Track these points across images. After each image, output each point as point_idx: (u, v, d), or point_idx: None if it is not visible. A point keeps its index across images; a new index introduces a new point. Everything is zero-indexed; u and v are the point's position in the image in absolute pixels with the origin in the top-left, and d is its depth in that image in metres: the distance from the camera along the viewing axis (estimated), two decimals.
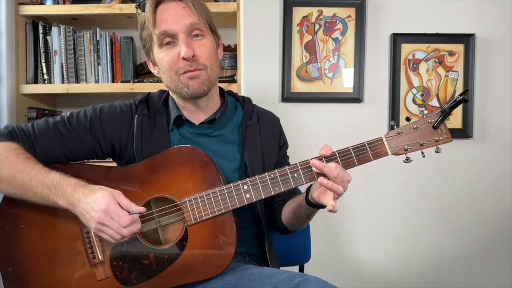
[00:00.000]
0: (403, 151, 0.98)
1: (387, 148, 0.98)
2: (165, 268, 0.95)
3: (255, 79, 1.77)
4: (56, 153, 1.03)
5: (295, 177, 0.97)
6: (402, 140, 0.98)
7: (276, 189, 0.96)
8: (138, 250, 0.96)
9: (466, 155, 1.79)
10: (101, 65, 1.84)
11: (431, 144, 0.99)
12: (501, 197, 1.79)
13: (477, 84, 1.77)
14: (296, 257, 1.44)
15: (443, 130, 1.00)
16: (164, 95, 1.15)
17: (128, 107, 1.10)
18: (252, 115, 1.16)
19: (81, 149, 1.06)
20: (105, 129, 1.07)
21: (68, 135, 1.04)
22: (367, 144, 0.97)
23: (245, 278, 0.92)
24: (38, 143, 1.02)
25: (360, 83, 1.75)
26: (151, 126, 1.08)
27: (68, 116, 1.06)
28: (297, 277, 0.87)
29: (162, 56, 1.04)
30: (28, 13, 1.80)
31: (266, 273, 0.91)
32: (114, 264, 0.97)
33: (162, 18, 1.01)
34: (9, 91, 1.76)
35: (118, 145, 1.08)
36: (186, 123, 1.11)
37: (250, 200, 0.96)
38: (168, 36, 1.01)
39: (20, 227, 0.98)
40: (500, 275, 1.81)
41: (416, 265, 1.82)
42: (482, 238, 1.81)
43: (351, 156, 0.97)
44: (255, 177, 0.97)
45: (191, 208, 0.96)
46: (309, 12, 1.76)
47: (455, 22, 1.76)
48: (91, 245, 0.97)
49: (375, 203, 1.81)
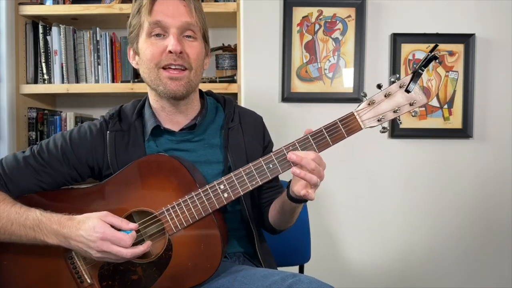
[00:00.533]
0: (377, 123, 0.94)
1: (360, 122, 0.94)
2: (155, 281, 0.94)
3: (255, 79, 1.77)
4: (30, 188, 1.01)
5: (271, 168, 0.93)
6: (375, 111, 0.94)
7: (253, 183, 0.93)
8: (125, 266, 0.95)
9: (466, 155, 1.79)
10: (101, 65, 1.84)
11: (406, 108, 0.94)
12: (501, 197, 1.79)
13: (477, 84, 1.77)
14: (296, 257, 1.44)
15: (417, 92, 0.94)
16: (138, 105, 1.11)
17: (97, 126, 1.07)
18: (233, 116, 1.13)
19: (57, 179, 1.03)
20: (79, 154, 1.04)
21: (41, 169, 1.01)
22: (339, 121, 0.95)
23: (238, 280, 0.92)
24: (10, 181, 0.99)
25: (360, 83, 1.75)
26: (124, 140, 1.05)
27: (38, 148, 1.03)
28: (290, 278, 0.86)
29: (147, 45, 1.00)
30: (28, 13, 1.80)
31: (259, 275, 0.91)
32: (104, 285, 0.95)
33: (159, 9, 0.99)
34: (9, 91, 1.76)
35: (96, 165, 1.06)
36: (165, 133, 1.07)
37: (229, 199, 0.94)
38: (160, 27, 0.99)
39: (4, 264, 0.96)
40: (500, 275, 1.81)
41: (416, 265, 1.82)
42: (482, 238, 1.81)
43: (324, 136, 0.94)
44: (230, 175, 0.94)
45: (170, 217, 0.94)
46: (309, 12, 1.76)
47: (455, 22, 1.76)
48: (76, 269, 0.96)
49: (375, 203, 1.81)
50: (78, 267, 0.96)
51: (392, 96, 0.94)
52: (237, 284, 0.90)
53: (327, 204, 1.81)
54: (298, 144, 0.94)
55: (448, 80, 1.77)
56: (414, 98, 0.93)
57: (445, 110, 1.77)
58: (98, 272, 0.96)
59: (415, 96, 0.93)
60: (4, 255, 0.96)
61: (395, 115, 0.94)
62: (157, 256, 0.95)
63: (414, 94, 0.93)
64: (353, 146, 1.74)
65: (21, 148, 1.79)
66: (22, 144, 1.82)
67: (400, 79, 0.94)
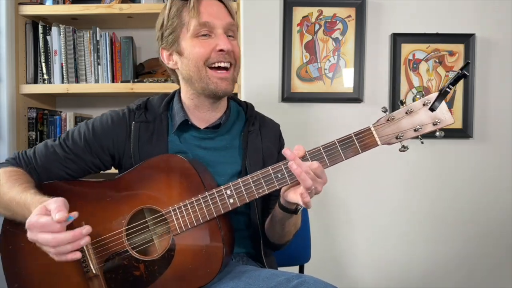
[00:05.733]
0: (395, 140, 0.89)
1: (377, 138, 0.89)
2: (156, 279, 0.95)
3: (255, 79, 1.77)
4: (58, 174, 1.06)
5: (279, 177, 0.92)
6: (394, 127, 0.89)
7: (260, 191, 0.93)
8: (129, 262, 0.97)
9: (466, 155, 1.79)
10: (101, 65, 1.84)
11: (429, 128, 0.88)
12: (501, 197, 1.79)
13: (477, 84, 1.77)
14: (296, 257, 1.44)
15: (443, 111, 0.87)
16: (166, 99, 1.14)
17: (120, 115, 1.11)
18: (254, 121, 1.17)
19: (82, 167, 1.08)
20: (101, 142, 1.08)
21: (66, 156, 1.06)
22: (354, 135, 0.90)
23: (242, 281, 0.92)
24: (39, 167, 1.06)
25: (360, 83, 1.75)
26: (149, 131, 1.09)
27: (64, 137, 1.09)
28: (295, 279, 0.87)
29: (195, 44, 1.04)
30: (28, 13, 1.80)
31: (264, 275, 0.91)
32: (108, 277, 0.97)
33: (205, 10, 1.04)
34: (9, 91, 1.76)
35: (117, 153, 1.09)
36: (191, 128, 1.11)
37: (234, 205, 0.94)
38: (207, 28, 1.04)
39: (21, 245, 1.00)
40: (500, 275, 1.81)
41: (416, 265, 1.82)
42: (482, 238, 1.80)
43: (337, 150, 0.90)
44: (238, 181, 0.94)
45: (176, 218, 0.95)
46: (309, 12, 1.76)
47: (455, 22, 1.76)
48: (84, 259, 0.97)
49: (375, 203, 1.81)
50: (86, 257, 0.97)
51: (414, 113, 0.88)
52: (242, 285, 0.91)
53: (327, 204, 1.81)
54: (309, 156, 0.92)
55: (448, 80, 1.77)
56: (438, 117, 0.88)
57: None
58: (104, 264, 0.98)
59: (440, 116, 0.88)
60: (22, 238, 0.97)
61: (416, 133, 0.89)
62: (160, 255, 0.96)
63: (439, 113, 0.88)
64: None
65: (21, 148, 1.79)
66: (22, 144, 1.82)
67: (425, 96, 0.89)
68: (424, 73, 1.77)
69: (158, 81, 1.81)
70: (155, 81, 1.80)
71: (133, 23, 1.92)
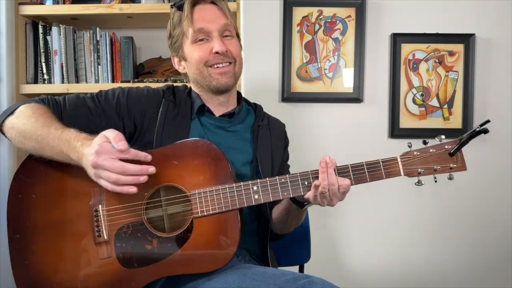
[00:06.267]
0: (416, 174, 1.00)
1: (401, 169, 1.00)
2: (166, 256, 0.96)
3: (255, 79, 1.77)
4: (80, 124, 1.05)
5: (305, 185, 0.98)
6: (416, 162, 1.00)
7: (285, 194, 0.98)
8: (143, 234, 0.98)
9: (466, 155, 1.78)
10: (101, 65, 1.84)
11: (445, 170, 1.00)
12: (501, 197, 1.79)
13: (477, 84, 1.77)
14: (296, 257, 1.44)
15: (459, 158, 1.01)
16: (188, 88, 1.23)
17: (156, 91, 1.17)
18: (263, 118, 1.24)
19: (105, 124, 1.08)
20: (131, 107, 1.11)
21: (95, 109, 1.09)
22: (381, 162, 1.00)
23: (249, 277, 0.92)
24: (66, 112, 1.08)
25: (360, 83, 1.75)
26: (174, 112, 1.14)
27: (97, 93, 1.14)
28: (302, 278, 0.87)
29: (194, 49, 1.13)
30: (28, 13, 1.80)
31: (270, 273, 0.92)
32: (118, 245, 0.98)
33: (199, 16, 1.11)
34: (9, 91, 1.76)
35: (141, 124, 1.12)
36: (207, 113, 1.17)
37: (258, 201, 0.98)
38: (203, 33, 1.11)
39: (32, 197, 1.00)
40: (500, 275, 1.81)
41: (416, 265, 1.82)
42: (482, 238, 1.80)
43: (363, 171, 0.99)
44: (266, 180, 0.99)
45: (199, 201, 0.98)
46: (309, 12, 1.76)
47: (455, 22, 1.76)
48: (98, 223, 0.98)
49: (375, 204, 1.81)
50: (100, 221, 0.98)
51: (435, 154, 1.00)
52: (248, 281, 0.91)
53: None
54: (337, 170, 0.98)
55: (448, 80, 1.77)
56: (455, 162, 1.01)
57: (445, 110, 1.77)
58: (116, 231, 0.98)
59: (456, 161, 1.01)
60: (35, 189, 1.01)
61: (435, 173, 1.00)
62: (176, 233, 0.97)
63: (456, 159, 1.01)
64: (353, 146, 1.74)
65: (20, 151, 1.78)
66: None
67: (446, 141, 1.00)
68: (424, 73, 1.77)
69: (158, 81, 1.81)
70: (155, 81, 1.80)
71: (133, 23, 1.92)
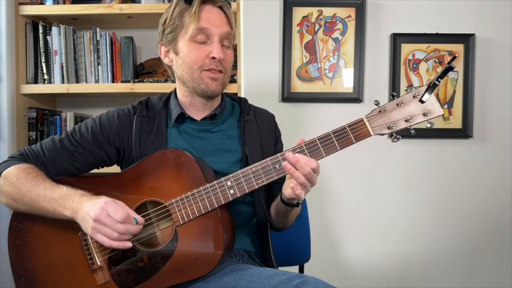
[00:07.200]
0: (387, 130, 0.95)
1: (369, 129, 0.95)
2: (159, 269, 0.98)
3: (255, 79, 1.77)
4: (66, 168, 1.09)
5: (277, 168, 0.96)
6: (385, 118, 0.95)
7: (259, 182, 0.97)
8: (132, 253, 1.00)
9: (466, 155, 1.79)
10: (101, 65, 1.84)
11: (419, 118, 0.94)
12: (501, 197, 1.79)
13: (477, 84, 1.77)
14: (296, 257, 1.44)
15: (432, 102, 0.94)
16: (164, 97, 1.19)
17: (126, 111, 1.15)
18: (249, 111, 1.21)
19: (89, 160, 1.12)
20: (107, 135, 1.12)
21: (74, 149, 1.10)
22: (348, 126, 0.95)
23: (244, 278, 0.92)
24: (48, 161, 1.08)
25: (360, 83, 1.75)
26: (149, 126, 1.13)
27: (71, 131, 1.13)
28: (296, 278, 0.87)
29: (191, 48, 1.08)
30: (28, 13, 1.80)
31: (265, 274, 0.92)
32: (112, 269, 1.01)
33: (206, 17, 1.08)
34: (9, 91, 1.76)
35: (122, 147, 1.13)
36: (188, 120, 1.15)
37: (234, 195, 0.98)
38: (204, 34, 1.07)
39: (28, 240, 1.04)
40: (500, 275, 1.81)
41: (416, 265, 1.82)
42: (482, 238, 1.81)
43: (332, 140, 0.95)
44: (238, 173, 0.99)
45: (178, 209, 0.98)
46: (309, 12, 1.76)
47: (455, 22, 1.76)
48: (89, 251, 1.01)
49: (375, 203, 1.81)
50: (91, 249, 1.01)
51: (405, 105, 0.94)
52: (243, 283, 0.91)
53: (327, 203, 1.81)
54: (306, 147, 0.96)
55: (448, 80, 1.77)
56: (428, 108, 0.93)
57: (445, 110, 1.77)
58: (108, 256, 1.01)
59: (430, 107, 0.93)
60: (30, 233, 1.04)
61: (407, 124, 0.94)
62: (163, 246, 0.99)
63: (429, 105, 0.93)
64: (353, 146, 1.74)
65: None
66: (22, 144, 1.82)
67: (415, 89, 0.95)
68: (424, 73, 1.77)
69: (158, 81, 1.81)
70: (155, 81, 1.80)
71: (133, 23, 1.92)
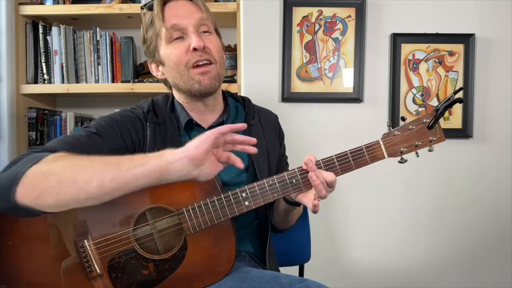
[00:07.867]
0: (399, 153, 1.00)
1: (384, 151, 0.99)
2: (165, 278, 0.95)
3: (255, 79, 1.77)
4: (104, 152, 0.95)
5: (294, 183, 0.96)
6: (397, 141, 1.00)
7: (275, 195, 0.96)
8: (137, 261, 0.96)
9: (466, 155, 1.79)
10: (101, 65, 1.84)
11: (426, 144, 1.01)
12: (501, 197, 1.79)
13: (477, 84, 1.77)
14: (296, 257, 1.44)
15: (437, 130, 1.01)
16: (170, 100, 1.12)
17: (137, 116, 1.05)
18: (254, 115, 1.17)
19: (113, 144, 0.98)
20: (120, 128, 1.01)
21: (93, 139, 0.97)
22: (364, 148, 0.98)
23: (246, 282, 0.92)
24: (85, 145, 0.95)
25: (360, 83, 1.75)
26: (162, 134, 1.06)
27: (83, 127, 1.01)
28: (298, 283, 0.87)
29: (171, 51, 1.02)
30: (28, 13, 1.80)
31: (267, 277, 0.92)
32: (113, 276, 0.95)
33: (171, 14, 1.02)
34: (9, 91, 1.76)
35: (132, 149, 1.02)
36: (196, 127, 1.10)
37: (249, 207, 0.96)
38: (178, 30, 1.01)
39: (9, 243, 0.95)
40: (500, 275, 1.81)
41: (416, 265, 1.82)
42: (482, 238, 1.80)
43: (348, 160, 0.98)
44: (254, 185, 0.96)
45: (189, 218, 0.95)
46: (309, 12, 1.76)
47: (455, 22, 1.76)
48: (87, 258, 0.95)
49: (375, 203, 1.81)
50: (89, 256, 0.94)
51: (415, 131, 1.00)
52: (246, 286, 0.91)
53: (327, 204, 1.81)
54: (323, 164, 0.97)
55: (448, 80, 1.77)
56: (434, 135, 1.01)
57: None
58: (108, 263, 0.95)
59: (435, 133, 1.01)
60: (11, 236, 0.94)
61: (416, 149, 1.01)
62: (171, 254, 0.95)
63: (434, 131, 1.01)
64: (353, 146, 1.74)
65: (21, 148, 1.80)
66: (22, 144, 1.82)
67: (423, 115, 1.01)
68: (424, 73, 1.77)
69: (158, 81, 1.80)
70: (155, 81, 1.80)
71: (133, 23, 1.92)
